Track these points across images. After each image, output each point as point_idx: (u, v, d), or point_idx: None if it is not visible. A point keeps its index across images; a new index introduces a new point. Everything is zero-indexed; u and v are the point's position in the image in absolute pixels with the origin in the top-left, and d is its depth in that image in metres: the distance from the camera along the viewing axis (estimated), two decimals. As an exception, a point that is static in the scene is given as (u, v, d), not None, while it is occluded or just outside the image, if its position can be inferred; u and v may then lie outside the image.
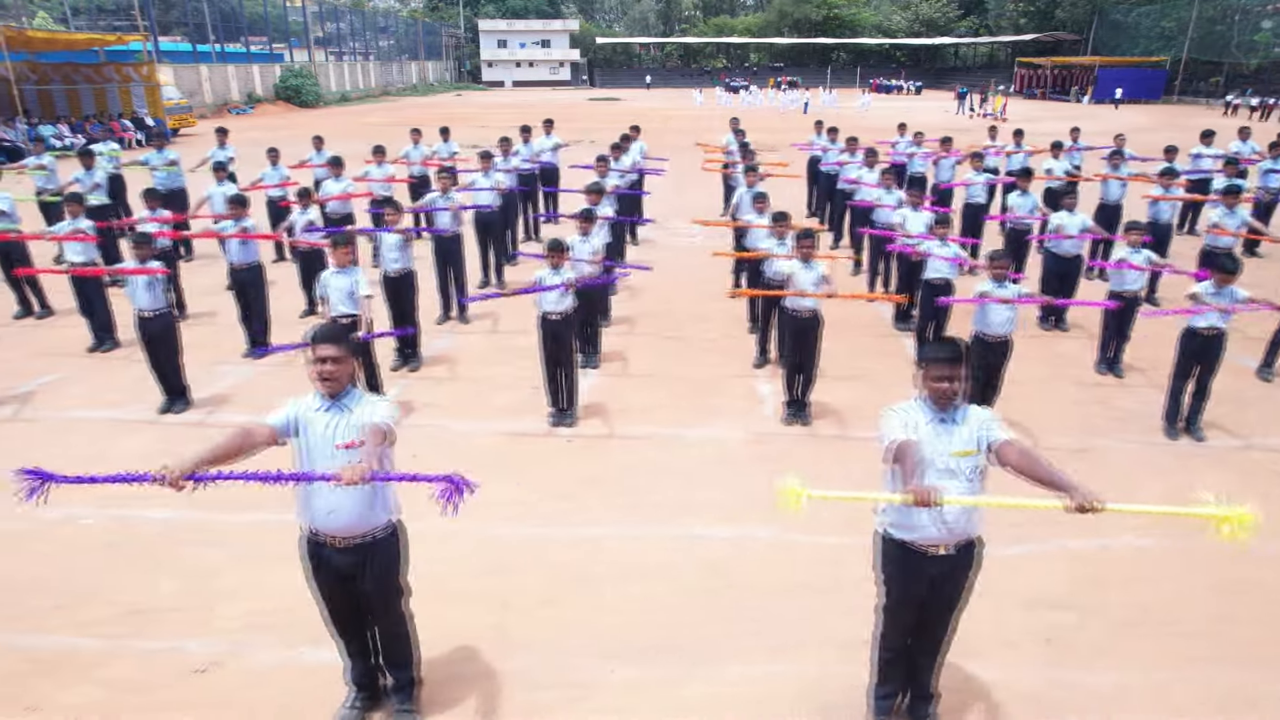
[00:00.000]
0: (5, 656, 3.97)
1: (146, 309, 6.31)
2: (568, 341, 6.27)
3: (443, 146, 13.33)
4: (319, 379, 3.09)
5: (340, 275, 6.07)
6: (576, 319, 6.37)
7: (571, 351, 6.34)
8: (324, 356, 3.07)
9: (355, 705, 3.58)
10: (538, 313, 6.29)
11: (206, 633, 4.15)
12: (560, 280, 6.03)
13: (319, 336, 3.10)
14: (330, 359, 3.07)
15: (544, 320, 6.24)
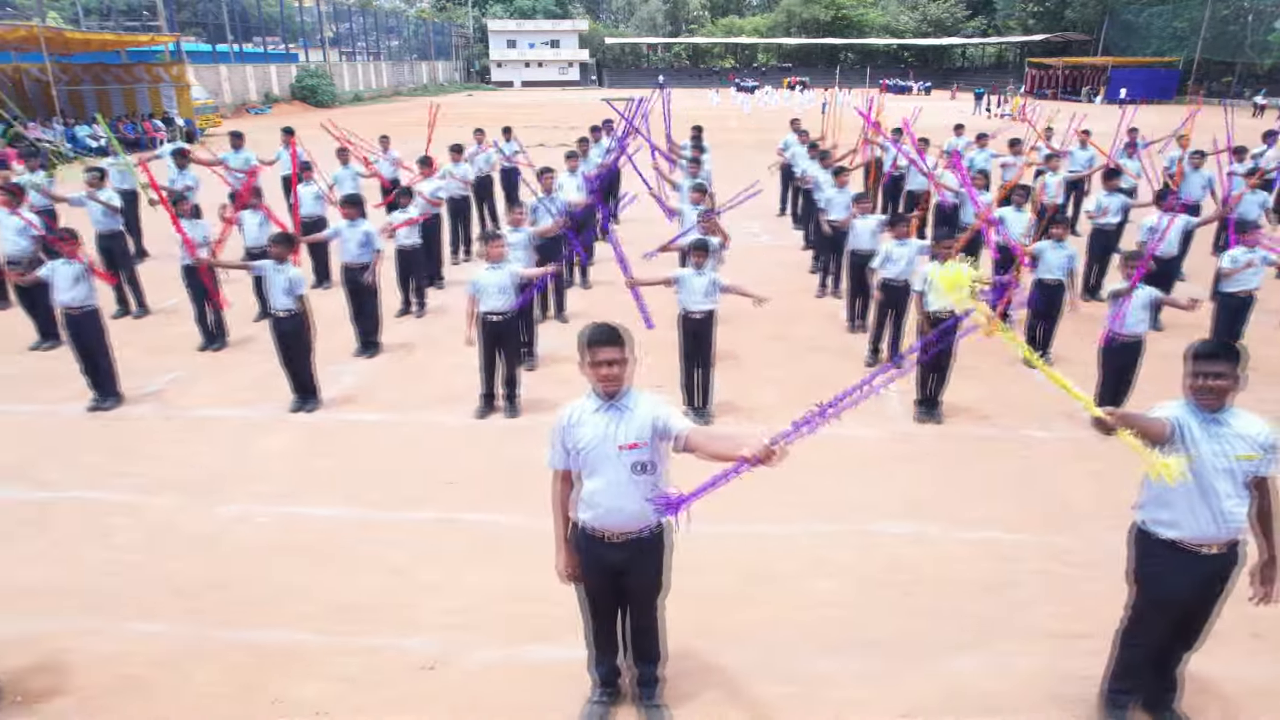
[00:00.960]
0: (232, 650, 4.01)
1: (281, 309, 6.35)
2: (708, 340, 6.33)
3: (506, 146, 13.38)
4: (602, 381, 3.12)
5: (494, 271, 6.13)
6: (717, 319, 6.43)
7: (710, 349, 6.39)
8: (608, 359, 3.09)
9: (602, 700, 3.62)
10: (679, 311, 6.35)
11: (420, 630, 4.19)
12: (709, 279, 6.11)
13: (600, 339, 3.11)
14: (614, 361, 3.10)
15: (686, 318, 6.29)
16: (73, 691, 3.77)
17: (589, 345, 3.10)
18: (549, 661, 4.00)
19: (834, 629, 4.23)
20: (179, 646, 4.04)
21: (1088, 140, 12.42)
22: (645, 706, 3.61)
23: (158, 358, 7.79)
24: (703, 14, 79.35)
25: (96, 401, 6.64)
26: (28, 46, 22.02)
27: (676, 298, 6.34)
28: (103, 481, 5.55)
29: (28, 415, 6.65)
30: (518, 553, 4.83)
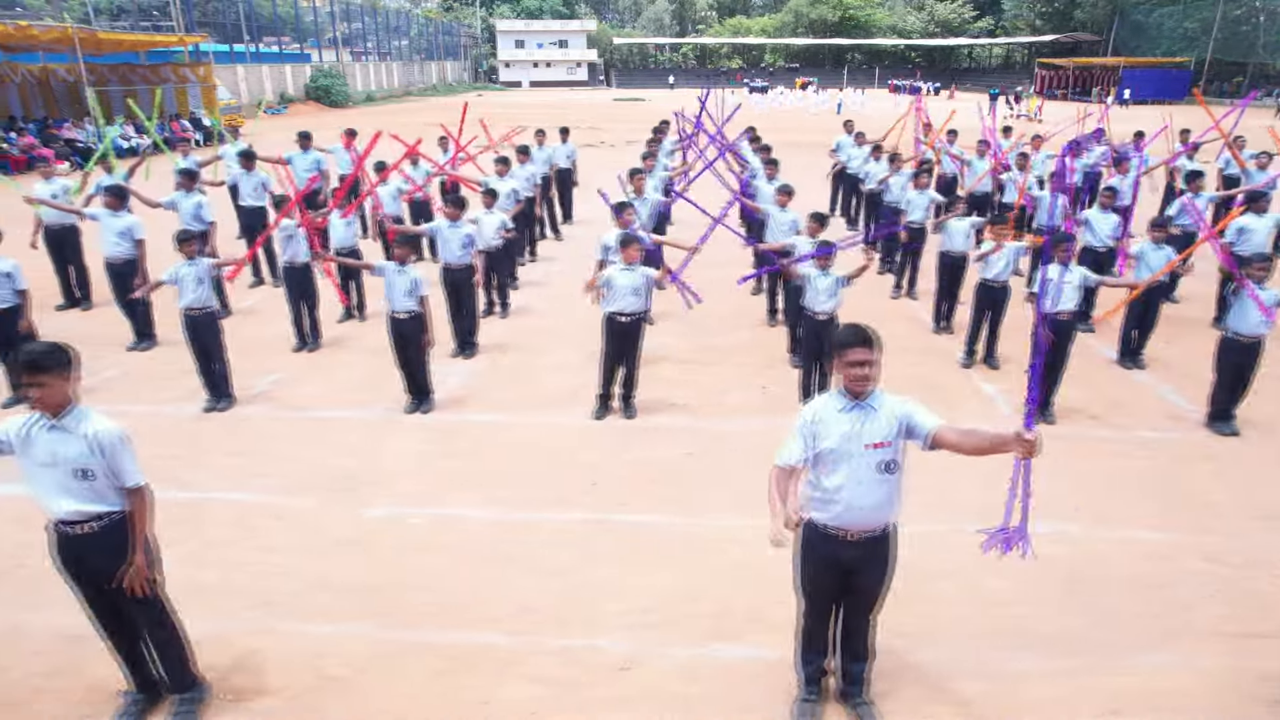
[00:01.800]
0: (424, 651, 4.03)
1: (403, 310, 6.36)
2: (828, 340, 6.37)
3: (560, 148, 13.41)
4: (853, 381, 3.15)
5: (628, 273, 6.16)
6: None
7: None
8: (860, 360, 3.13)
9: (810, 697, 3.65)
10: (808, 310, 6.40)
11: (604, 630, 4.21)
12: (834, 278, 6.18)
13: (852, 340, 3.15)
14: (865, 362, 3.14)
15: (809, 317, 6.34)
16: (277, 692, 3.79)
17: (841, 347, 3.14)
18: (739, 660, 4.03)
19: (1015, 626, 4.27)
20: (370, 648, 4.06)
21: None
22: (854, 704, 3.63)
23: (253, 359, 7.77)
24: (710, 14, 79.41)
25: (211, 402, 6.65)
26: (58, 47, 21.98)
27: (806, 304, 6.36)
28: (244, 483, 5.56)
29: (140, 415, 6.63)
30: (678, 553, 4.87)
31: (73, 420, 3.12)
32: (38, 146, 20.28)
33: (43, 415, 3.11)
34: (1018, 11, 65.91)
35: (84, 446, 3.10)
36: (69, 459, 3.09)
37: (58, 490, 3.12)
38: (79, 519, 3.16)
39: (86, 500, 3.15)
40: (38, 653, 4.03)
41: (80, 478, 3.11)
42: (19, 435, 3.11)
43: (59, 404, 3.09)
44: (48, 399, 3.05)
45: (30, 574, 4.62)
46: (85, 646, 4.04)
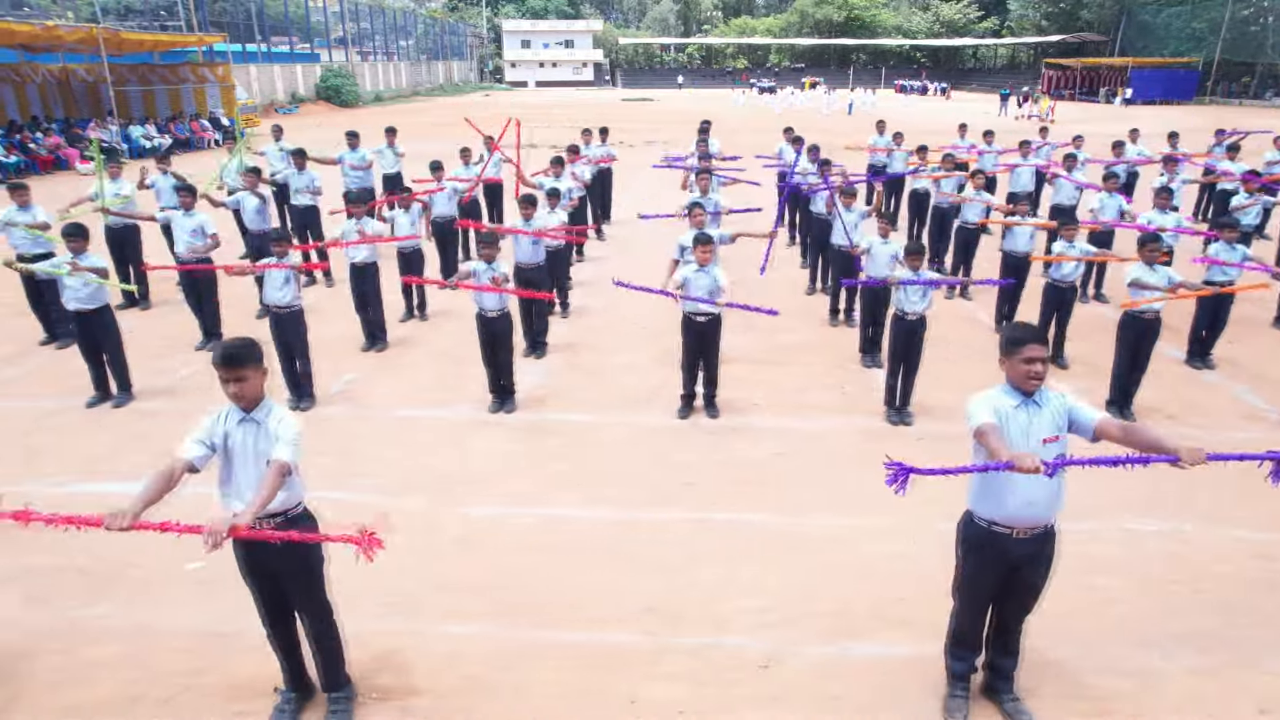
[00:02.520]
0: (559, 650, 4.04)
1: (492, 309, 6.39)
2: (922, 341, 6.42)
3: (600, 148, 13.41)
4: (1030, 379, 3.16)
5: (703, 274, 6.19)
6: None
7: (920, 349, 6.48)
8: (1036, 357, 3.15)
9: (961, 694, 3.67)
10: (894, 312, 6.42)
11: (734, 628, 4.22)
12: None
13: (1028, 337, 3.17)
14: (1041, 359, 3.16)
15: (900, 318, 6.36)
16: (423, 691, 3.80)
17: (1017, 343, 3.17)
18: (873, 658, 4.04)
19: (1137, 624, 4.28)
20: (504, 647, 4.07)
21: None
22: (1005, 702, 3.65)
23: (325, 360, 7.77)
24: (714, 14, 79.49)
25: (293, 402, 6.65)
26: (81, 48, 21.97)
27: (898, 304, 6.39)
28: (344, 482, 5.57)
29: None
30: (784, 553, 4.89)
31: (263, 413, 3.14)
32: (64, 146, 20.29)
33: (235, 409, 3.13)
34: (1023, 12, 66.00)
35: (271, 439, 3.12)
36: (262, 452, 3.11)
37: (248, 485, 3.14)
38: (264, 515, 3.17)
39: (276, 495, 3.16)
40: (178, 650, 4.04)
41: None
42: (219, 432, 3.13)
43: (256, 397, 3.12)
44: (247, 392, 3.08)
45: (143, 575, 4.63)
46: (225, 644, 4.09)
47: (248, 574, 3.33)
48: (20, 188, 7.89)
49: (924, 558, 4.82)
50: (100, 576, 4.60)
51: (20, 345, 8.21)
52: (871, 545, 4.95)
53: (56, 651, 4.03)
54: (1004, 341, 3.25)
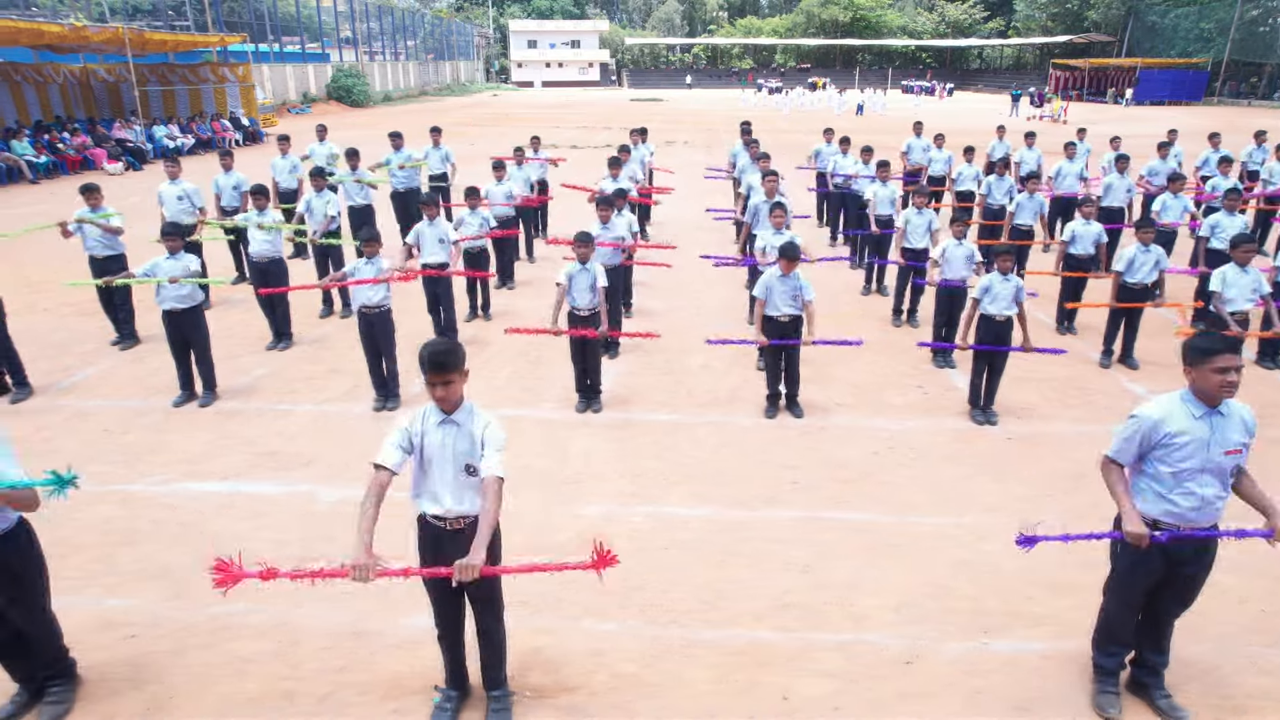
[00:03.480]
0: (702, 648, 4.06)
1: (587, 307, 6.42)
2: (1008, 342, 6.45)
3: (642, 148, 13.43)
4: (1224, 388, 3.13)
5: (786, 280, 6.23)
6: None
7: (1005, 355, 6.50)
8: (1231, 366, 3.12)
9: (1112, 689, 3.70)
10: (986, 314, 6.45)
11: (872, 625, 4.24)
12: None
13: (1222, 347, 3.13)
14: (1235, 368, 3.13)
15: (988, 320, 6.40)
16: (576, 689, 3.82)
17: (1208, 354, 3.11)
18: (1015, 654, 4.07)
19: (1273, 623, 4.31)
20: (647, 645, 4.09)
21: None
22: (1158, 697, 3.68)
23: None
24: (720, 15, 79.57)
25: (379, 402, 6.68)
26: (106, 48, 21.97)
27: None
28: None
29: (311, 415, 6.67)
30: (903, 551, 4.91)
31: (464, 415, 3.17)
32: (90, 146, 20.28)
33: (435, 410, 3.16)
34: (1029, 12, 66.14)
35: (473, 442, 3.14)
36: (460, 453, 3.14)
37: (443, 486, 3.16)
38: (453, 515, 3.19)
39: (468, 497, 3.19)
40: (322, 648, 4.06)
41: (468, 474, 3.16)
42: (417, 432, 3.16)
43: (459, 400, 3.14)
44: (452, 395, 3.10)
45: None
46: (367, 642, 4.12)
47: (428, 563, 3.34)
48: (93, 189, 7.90)
49: (1040, 555, 4.84)
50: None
51: (91, 345, 8.22)
52: (987, 544, 4.98)
53: (203, 647, 4.05)
54: (1192, 351, 3.18)
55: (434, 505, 3.20)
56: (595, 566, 3.11)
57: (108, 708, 3.70)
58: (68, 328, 8.77)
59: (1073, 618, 4.26)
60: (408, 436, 3.16)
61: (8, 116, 21.41)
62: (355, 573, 2.94)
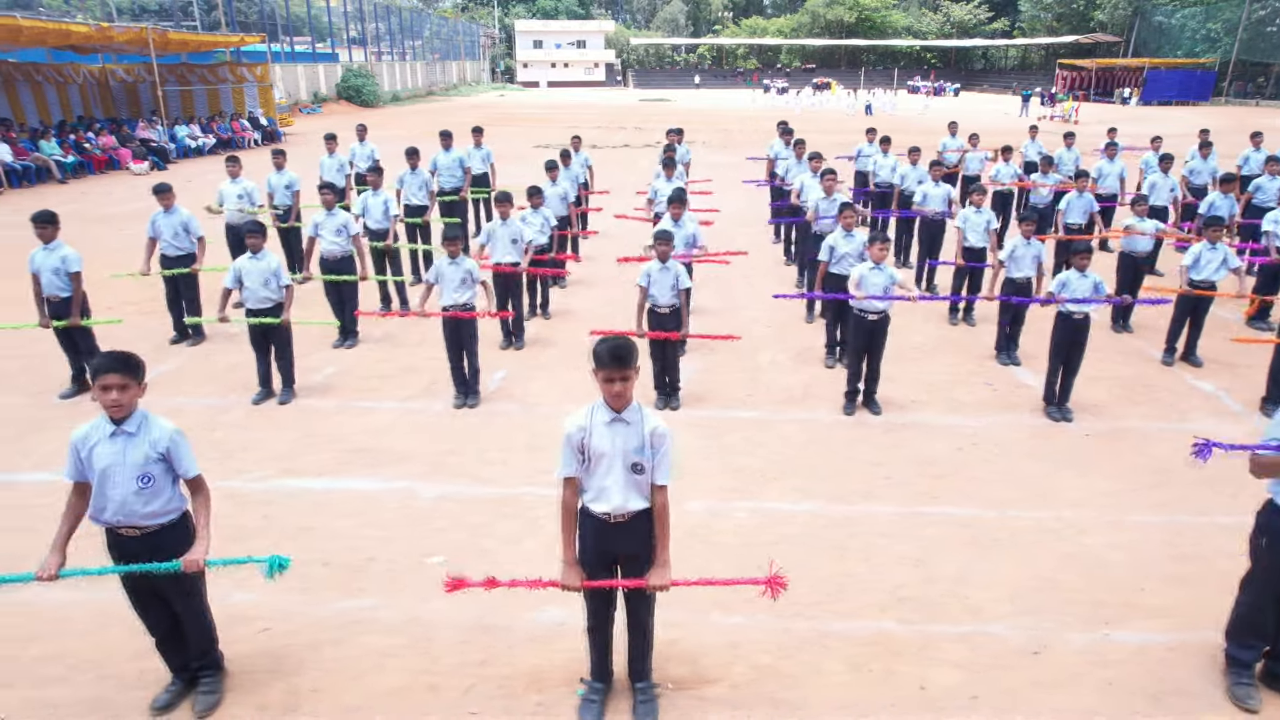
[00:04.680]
0: (833, 639, 4.11)
1: (666, 304, 6.46)
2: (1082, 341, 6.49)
3: (681, 148, 13.48)
4: None
5: (878, 272, 6.31)
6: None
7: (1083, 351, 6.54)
8: None
9: (1248, 680, 3.75)
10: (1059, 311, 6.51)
11: (993, 617, 4.29)
12: None
13: None
14: None
15: (1066, 318, 6.45)
16: (717, 680, 3.87)
17: None
18: (1140, 645, 4.11)
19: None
20: (778, 637, 4.14)
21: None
22: (1292, 689, 3.74)
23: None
24: (724, 15, 79.66)
25: (460, 400, 6.73)
26: (128, 48, 22.00)
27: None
28: (535, 478, 5.60)
29: (392, 413, 6.71)
30: (1007, 545, 4.96)
31: (633, 414, 3.21)
32: (116, 146, 20.30)
33: (604, 408, 3.20)
34: (1035, 13, 66.28)
35: (641, 442, 3.19)
36: (630, 451, 3.18)
37: (612, 483, 3.21)
38: (620, 512, 3.24)
39: (634, 495, 3.24)
40: (455, 642, 4.10)
41: (635, 472, 3.21)
42: (586, 429, 3.20)
43: (630, 398, 3.19)
44: (628, 392, 3.15)
45: (388, 569, 4.69)
46: (499, 636, 4.16)
47: (596, 567, 3.39)
48: (165, 189, 7.94)
49: (1144, 549, 4.93)
50: (347, 569, 4.66)
51: (155, 343, 8.26)
52: (1088, 537, 5.03)
53: (338, 642, 4.10)
54: None
55: (602, 503, 3.24)
56: (769, 584, 3.26)
57: (256, 699, 3.74)
58: (131, 326, 8.77)
59: (1191, 609, 4.33)
60: (578, 443, 3.20)
61: (30, 116, 21.43)
62: (565, 580, 3.25)
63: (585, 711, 3.60)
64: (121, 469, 3.19)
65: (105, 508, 3.24)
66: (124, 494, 3.21)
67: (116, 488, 3.20)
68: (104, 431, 3.22)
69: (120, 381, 3.14)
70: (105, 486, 3.20)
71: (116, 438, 3.21)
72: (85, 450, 3.20)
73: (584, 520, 3.39)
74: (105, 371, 3.12)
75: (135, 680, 3.83)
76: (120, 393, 3.14)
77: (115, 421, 3.21)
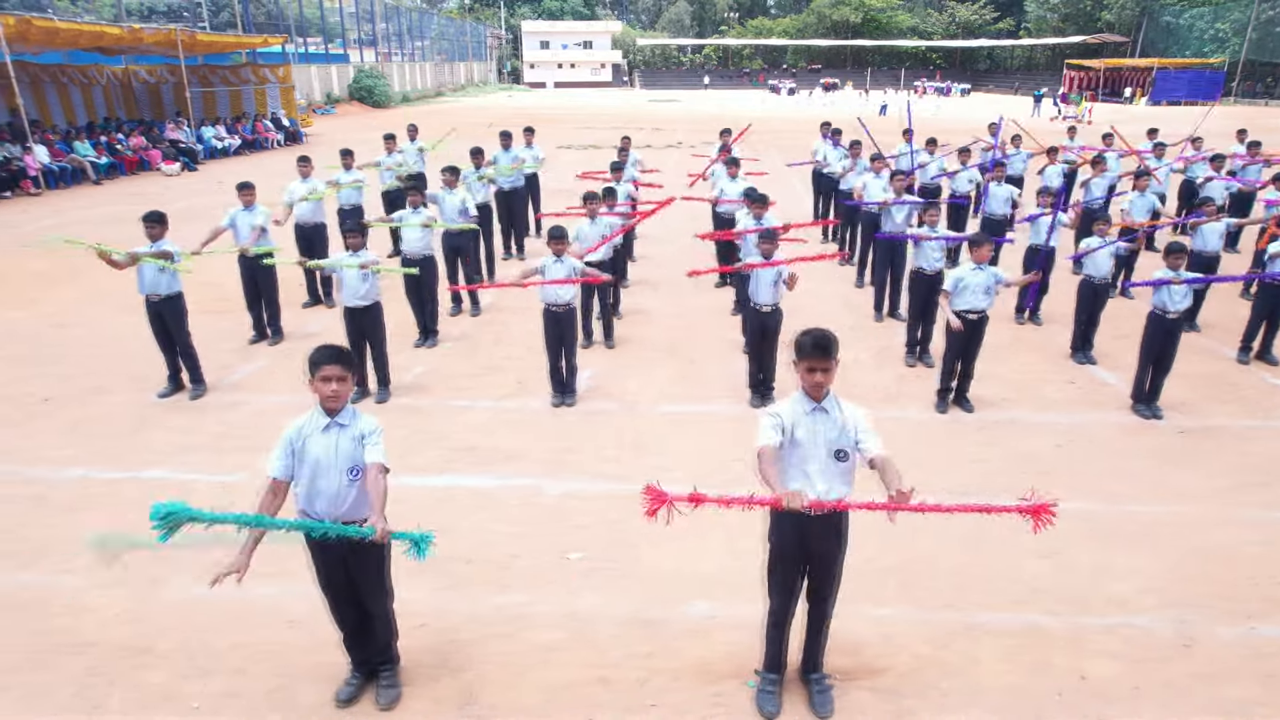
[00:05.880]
0: (983, 631, 4.18)
1: (767, 303, 6.54)
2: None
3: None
4: None
5: (978, 271, 6.39)
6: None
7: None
8: None
9: (1406, 672, 3.83)
10: (1158, 310, 6.57)
11: (1138, 609, 4.37)
12: None
13: None
14: None
15: (1159, 316, 6.51)
16: (882, 670, 3.94)
17: None
18: None
19: None
20: (927, 629, 4.21)
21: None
22: None
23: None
24: (729, 16, 79.77)
25: (558, 398, 6.78)
26: (155, 50, 22.03)
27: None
28: (641, 476, 5.65)
29: (490, 411, 6.76)
30: (1140, 537, 5.05)
31: (831, 403, 3.29)
32: (147, 147, 20.33)
33: (805, 399, 3.28)
34: (1040, 13, 66.44)
35: (842, 429, 3.28)
36: (830, 440, 3.26)
37: (815, 470, 3.28)
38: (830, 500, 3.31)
39: (838, 483, 3.31)
40: (615, 636, 4.17)
41: (838, 460, 3.28)
42: (791, 417, 3.27)
43: (829, 388, 3.31)
44: (829, 381, 3.26)
45: (530, 565, 4.75)
46: (662, 629, 4.22)
47: (797, 556, 3.45)
48: (248, 186, 7.99)
49: (1275, 543, 5.00)
50: (492, 566, 4.72)
51: (236, 343, 8.31)
52: (1213, 532, 5.10)
53: (502, 637, 4.16)
54: None
55: (813, 491, 3.30)
56: (1034, 512, 3.27)
57: (430, 693, 3.81)
58: (206, 326, 8.81)
59: (1332, 602, 4.40)
60: (783, 423, 3.27)
61: (56, 118, 21.44)
62: (788, 499, 2.97)
63: (765, 701, 3.67)
64: (334, 461, 3.26)
65: (316, 500, 3.30)
66: (336, 486, 3.27)
67: (329, 480, 3.26)
68: (316, 424, 3.29)
69: (340, 373, 3.21)
70: (317, 479, 3.27)
71: (330, 430, 3.28)
72: (299, 444, 3.26)
73: (782, 516, 3.45)
74: (327, 363, 3.19)
75: (311, 673, 3.90)
76: (340, 384, 3.21)
77: (330, 413, 3.27)
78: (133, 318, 9.10)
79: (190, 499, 5.19)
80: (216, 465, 5.84)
